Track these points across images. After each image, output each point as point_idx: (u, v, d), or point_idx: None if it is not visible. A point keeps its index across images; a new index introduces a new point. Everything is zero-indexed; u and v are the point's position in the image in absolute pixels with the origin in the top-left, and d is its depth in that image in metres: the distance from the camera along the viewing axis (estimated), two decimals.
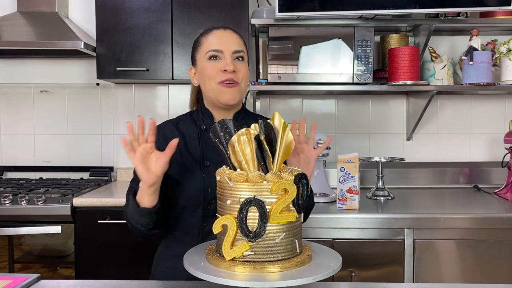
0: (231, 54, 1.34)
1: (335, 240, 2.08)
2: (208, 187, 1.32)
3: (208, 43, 1.36)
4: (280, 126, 1.04)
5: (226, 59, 1.33)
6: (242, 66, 1.36)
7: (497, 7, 2.31)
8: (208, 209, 1.32)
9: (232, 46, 1.34)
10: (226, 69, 1.32)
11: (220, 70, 1.32)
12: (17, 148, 2.93)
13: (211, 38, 1.36)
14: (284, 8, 2.32)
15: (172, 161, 1.34)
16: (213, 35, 1.36)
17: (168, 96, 2.89)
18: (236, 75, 1.33)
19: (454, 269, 2.09)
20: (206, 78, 1.35)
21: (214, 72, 1.33)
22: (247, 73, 1.39)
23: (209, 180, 1.32)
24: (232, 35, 1.37)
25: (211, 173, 1.28)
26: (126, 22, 2.51)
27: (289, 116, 2.78)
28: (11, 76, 2.92)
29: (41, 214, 2.25)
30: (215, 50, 1.34)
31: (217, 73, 1.33)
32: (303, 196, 1.00)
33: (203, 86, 1.39)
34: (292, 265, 0.97)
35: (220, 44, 1.34)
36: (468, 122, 2.86)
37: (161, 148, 1.34)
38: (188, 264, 1.00)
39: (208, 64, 1.34)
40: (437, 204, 2.42)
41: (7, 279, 1.19)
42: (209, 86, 1.35)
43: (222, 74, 1.32)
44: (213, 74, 1.33)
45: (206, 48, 1.35)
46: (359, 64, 2.41)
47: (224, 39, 1.35)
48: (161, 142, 1.36)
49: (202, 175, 1.33)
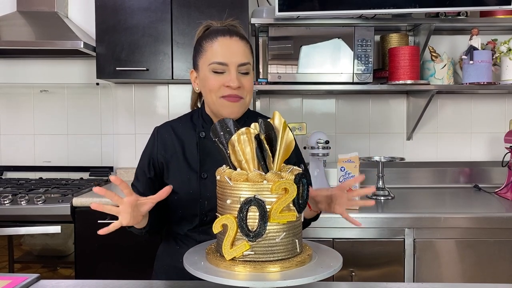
0: (236, 67, 1.25)
1: (335, 240, 2.08)
2: (205, 200, 1.29)
3: (212, 52, 1.26)
4: (280, 126, 1.04)
5: (231, 73, 1.25)
6: (247, 80, 1.28)
7: (497, 6, 2.31)
8: (205, 220, 1.30)
9: (238, 59, 1.25)
10: (230, 85, 1.24)
11: (224, 85, 1.25)
12: (17, 148, 2.93)
13: (215, 47, 1.26)
14: (284, 8, 2.32)
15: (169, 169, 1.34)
16: (218, 44, 1.26)
17: (168, 96, 2.89)
18: (240, 90, 1.26)
19: (454, 269, 2.09)
20: (208, 90, 1.28)
21: (217, 86, 1.26)
22: (252, 85, 1.30)
23: (206, 193, 1.29)
24: (239, 44, 1.27)
25: (208, 186, 1.28)
26: (126, 21, 2.50)
27: (289, 116, 2.79)
28: (10, 76, 2.92)
29: (41, 214, 2.24)
30: (219, 62, 1.25)
31: (220, 87, 1.25)
32: (304, 195, 1.00)
33: (205, 95, 1.32)
34: (292, 265, 0.97)
35: (225, 56, 1.25)
36: (468, 122, 2.86)
37: (158, 153, 1.34)
38: (188, 264, 1.00)
39: (211, 76, 1.26)
40: (437, 203, 2.42)
41: (6, 279, 1.19)
42: (210, 98, 1.29)
43: (225, 88, 1.25)
44: (216, 88, 1.26)
45: (210, 58, 1.26)
46: (359, 63, 2.41)
47: (230, 49, 1.26)
48: (158, 148, 1.35)
49: (200, 188, 1.30)
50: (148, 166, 1.35)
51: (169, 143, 1.35)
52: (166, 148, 1.35)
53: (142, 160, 1.38)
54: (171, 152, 1.34)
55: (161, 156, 1.34)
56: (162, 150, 1.35)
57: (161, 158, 1.34)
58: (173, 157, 1.34)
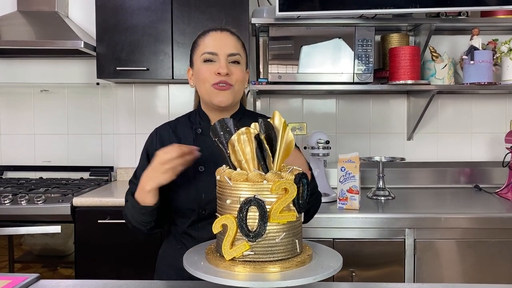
0: (226, 57, 1.34)
1: (335, 240, 2.07)
2: (202, 193, 1.32)
3: (204, 45, 1.36)
4: (280, 125, 1.03)
5: (221, 61, 1.33)
6: (236, 69, 1.35)
7: (498, 6, 2.31)
8: (203, 214, 1.32)
9: (227, 49, 1.34)
10: (219, 72, 1.32)
11: (214, 73, 1.33)
12: (17, 148, 2.93)
13: (207, 40, 1.36)
14: (284, 8, 2.32)
15: None
16: (209, 37, 1.36)
17: (168, 95, 2.89)
18: (229, 77, 1.33)
19: (454, 269, 2.09)
20: (201, 80, 1.36)
21: (208, 75, 1.34)
22: (243, 76, 1.38)
23: (203, 186, 1.31)
24: (229, 37, 1.37)
25: (205, 179, 1.31)
26: (126, 21, 2.50)
27: (290, 116, 2.79)
28: (11, 76, 2.92)
29: (41, 214, 2.24)
30: (209, 52, 1.34)
31: (211, 75, 1.33)
32: (304, 195, 1.00)
33: (198, 88, 1.40)
34: (292, 265, 0.97)
35: (215, 46, 1.34)
36: (469, 122, 2.86)
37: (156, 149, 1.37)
38: (188, 264, 1.00)
39: (203, 66, 1.35)
40: (438, 204, 2.42)
41: (6, 279, 1.19)
42: (203, 88, 1.36)
43: (215, 76, 1.33)
44: (207, 77, 1.34)
45: (202, 50, 1.36)
46: (359, 63, 2.41)
47: (220, 41, 1.35)
48: (157, 146, 1.38)
49: (196, 182, 1.33)
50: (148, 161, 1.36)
51: (166, 141, 1.39)
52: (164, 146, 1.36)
53: (142, 158, 1.43)
54: None
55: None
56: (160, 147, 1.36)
57: None
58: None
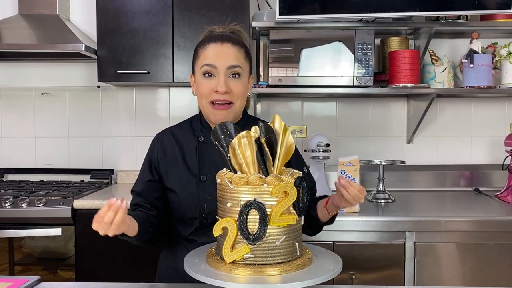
0: (225, 70, 1.29)
1: (335, 243, 2.07)
2: (204, 203, 1.31)
3: (204, 56, 1.32)
4: (280, 129, 1.04)
5: (220, 77, 1.29)
6: (237, 84, 1.30)
7: (497, 10, 2.32)
8: (205, 223, 1.32)
9: (227, 62, 1.29)
10: (217, 90, 1.28)
11: (213, 90, 1.29)
12: (18, 151, 2.93)
13: (207, 51, 1.31)
14: (284, 11, 2.32)
15: (169, 173, 1.36)
16: (209, 49, 1.31)
17: (169, 98, 2.89)
18: (229, 95, 1.29)
19: (454, 272, 2.09)
20: (200, 94, 1.33)
21: (207, 91, 1.30)
22: (244, 89, 1.33)
23: (205, 196, 1.31)
24: (230, 48, 1.31)
25: (208, 189, 1.30)
26: (127, 24, 2.51)
27: (290, 119, 2.79)
28: (12, 79, 2.93)
29: (42, 216, 2.24)
30: (208, 64, 1.30)
31: (210, 92, 1.30)
32: (304, 199, 1.00)
33: (198, 99, 1.37)
34: (292, 268, 0.97)
35: (214, 59, 1.30)
36: (468, 125, 2.86)
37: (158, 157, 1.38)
38: (189, 266, 1.00)
39: (203, 81, 1.31)
40: (438, 207, 2.42)
41: (7, 281, 1.19)
42: (201, 103, 1.34)
43: (214, 93, 1.29)
44: (206, 93, 1.31)
45: (202, 62, 1.31)
46: (359, 67, 2.42)
47: (220, 53, 1.30)
48: (159, 154, 1.38)
49: (199, 191, 1.32)
50: (150, 170, 1.39)
51: (168, 148, 1.39)
52: (165, 153, 1.39)
53: (143, 167, 1.42)
54: (170, 157, 1.38)
55: (161, 160, 1.38)
56: (162, 155, 1.39)
57: (161, 162, 1.38)
58: (172, 162, 1.37)
